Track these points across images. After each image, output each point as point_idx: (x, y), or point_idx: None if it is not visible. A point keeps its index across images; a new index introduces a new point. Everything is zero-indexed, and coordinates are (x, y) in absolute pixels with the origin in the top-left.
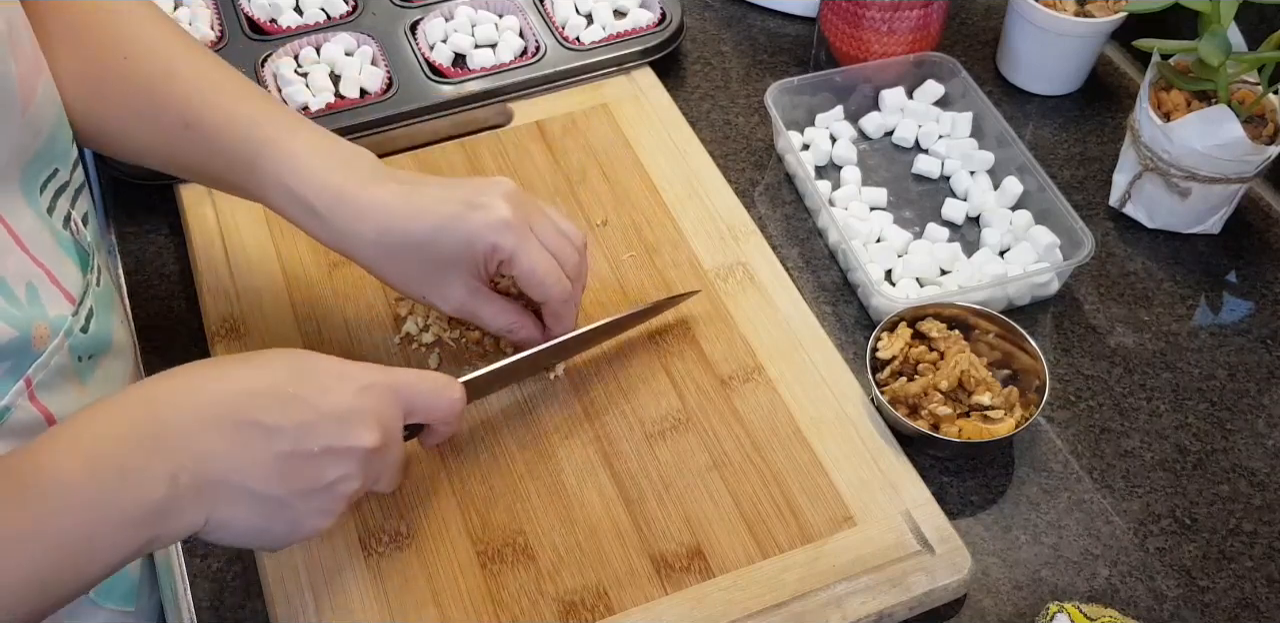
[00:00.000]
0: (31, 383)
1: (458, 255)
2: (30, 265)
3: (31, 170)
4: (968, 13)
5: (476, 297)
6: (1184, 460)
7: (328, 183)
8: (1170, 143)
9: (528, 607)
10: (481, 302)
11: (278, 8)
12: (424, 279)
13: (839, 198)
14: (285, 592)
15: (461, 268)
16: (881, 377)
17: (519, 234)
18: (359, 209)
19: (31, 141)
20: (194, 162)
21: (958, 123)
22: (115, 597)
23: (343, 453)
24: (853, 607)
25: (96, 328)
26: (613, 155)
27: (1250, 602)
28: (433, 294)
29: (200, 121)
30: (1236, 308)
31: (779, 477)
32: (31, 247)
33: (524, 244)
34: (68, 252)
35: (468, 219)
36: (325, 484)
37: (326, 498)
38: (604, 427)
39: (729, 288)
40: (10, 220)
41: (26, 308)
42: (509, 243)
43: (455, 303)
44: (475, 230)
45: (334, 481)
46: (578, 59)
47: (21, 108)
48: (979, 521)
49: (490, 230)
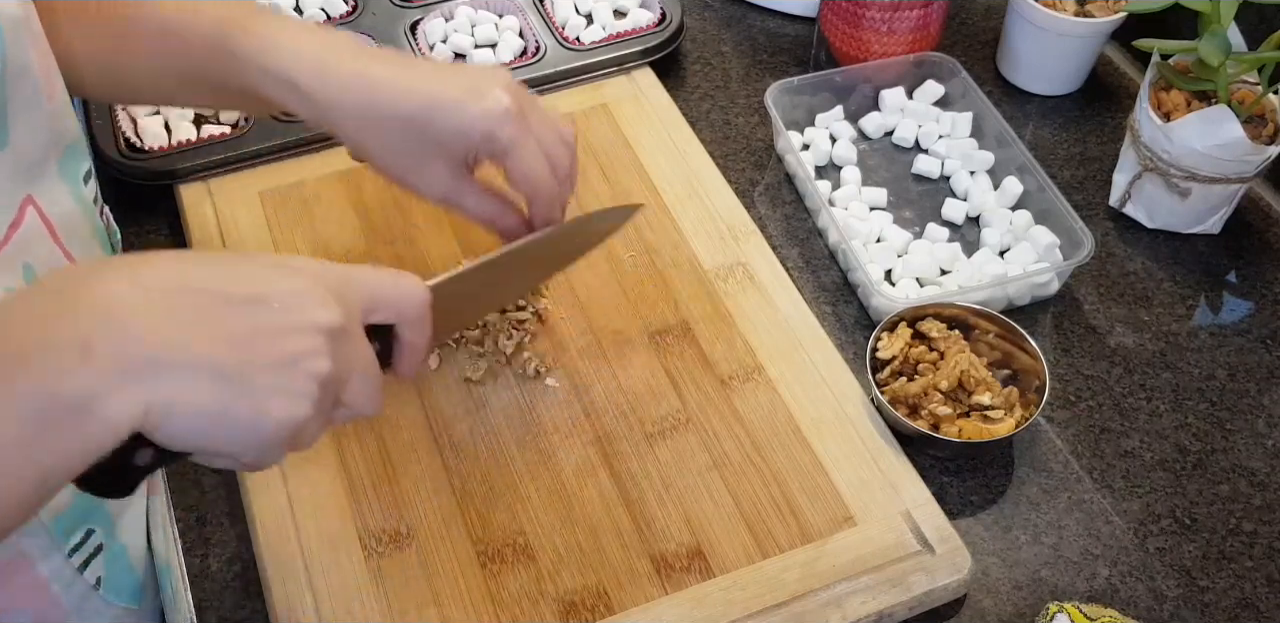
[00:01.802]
0: None
1: (449, 139)
2: (60, 257)
3: (71, 161)
4: (968, 13)
5: (461, 183)
6: (1184, 460)
7: (309, 57)
8: (1170, 143)
9: (528, 607)
10: (466, 189)
11: (277, 8)
12: (408, 162)
13: (839, 198)
14: (285, 592)
15: (450, 152)
16: (881, 377)
17: (519, 128)
18: (343, 81)
19: (64, 133)
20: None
21: (958, 123)
22: (125, 595)
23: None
24: (853, 607)
25: None
26: (613, 155)
27: (1250, 602)
28: (416, 177)
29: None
30: (1236, 308)
31: (779, 477)
32: (65, 237)
33: (523, 138)
34: (104, 245)
35: (465, 103)
36: (288, 360)
37: (293, 377)
38: (604, 427)
39: (729, 288)
40: (46, 208)
41: None
42: (506, 135)
43: (439, 188)
44: (473, 116)
45: (299, 354)
46: (578, 59)
47: (46, 97)
48: (979, 521)
49: (489, 119)
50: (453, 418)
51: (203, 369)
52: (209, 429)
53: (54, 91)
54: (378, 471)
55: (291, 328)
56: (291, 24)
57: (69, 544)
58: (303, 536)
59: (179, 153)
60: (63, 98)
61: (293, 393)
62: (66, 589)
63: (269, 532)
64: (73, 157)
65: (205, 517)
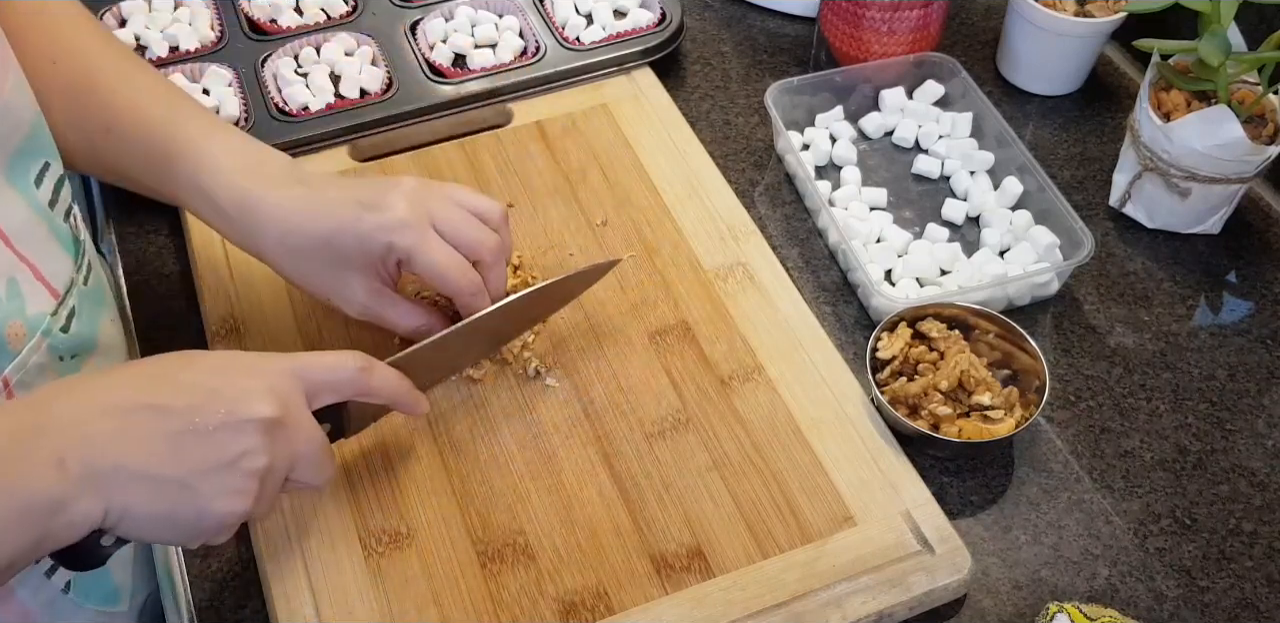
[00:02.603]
0: (10, 382)
1: (355, 256)
2: (14, 260)
3: (20, 163)
4: (968, 13)
5: (380, 299)
6: (1184, 460)
7: (236, 185)
8: (1170, 143)
9: (528, 607)
10: (385, 304)
11: (278, 8)
12: (326, 281)
13: (839, 198)
14: (285, 592)
15: (361, 269)
16: (881, 377)
17: (416, 232)
18: (263, 211)
19: (12, 133)
20: (115, 164)
21: (958, 123)
22: (95, 598)
23: (239, 427)
24: (853, 607)
25: (79, 328)
26: (613, 155)
27: (1250, 602)
28: (336, 296)
29: (120, 125)
30: (1236, 308)
31: (779, 477)
32: (18, 241)
33: (421, 242)
34: (65, 246)
35: (362, 220)
36: (227, 461)
37: (233, 476)
38: (604, 427)
39: (729, 288)
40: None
41: (4, 305)
42: (405, 242)
43: (358, 305)
44: (368, 231)
45: (236, 456)
46: (578, 59)
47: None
48: (979, 521)
49: (383, 231)
50: (453, 418)
51: (150, 480)
52: (159, 528)
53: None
54: (378, 470)
55: (230, 429)
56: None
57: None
58: (303, 536)
59: None
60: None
61: (232, 491)
62: (33, 595)
63: (269, 532)
64: (24, 157)
65: None
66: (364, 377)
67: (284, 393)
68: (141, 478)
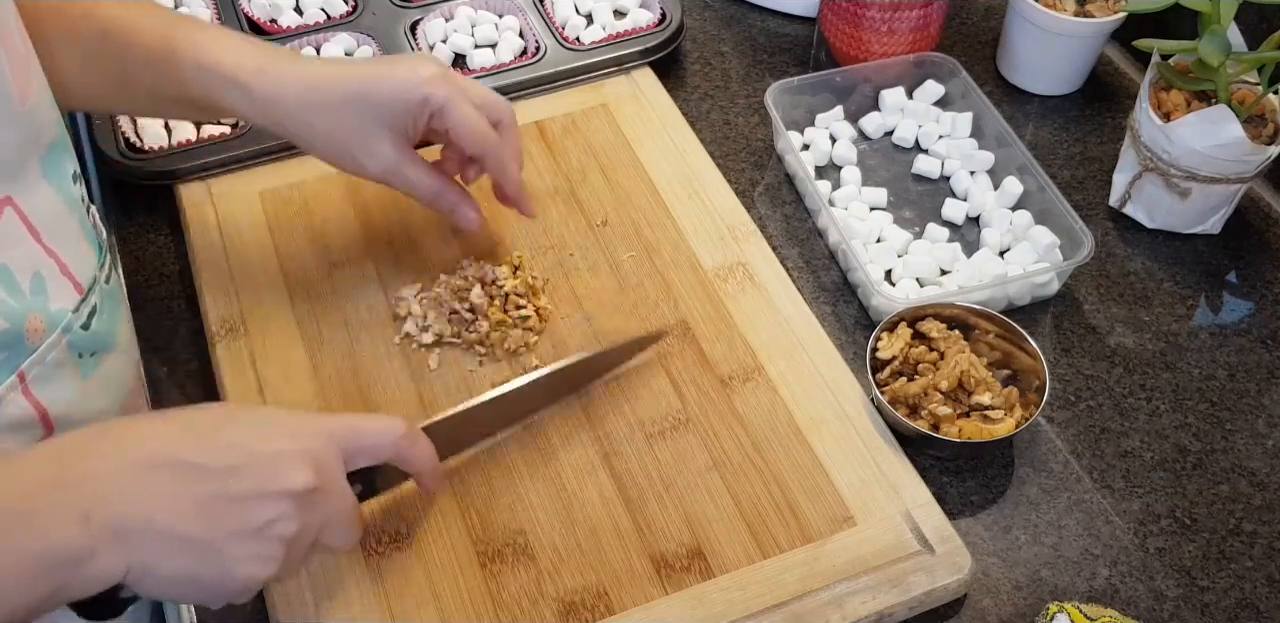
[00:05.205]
0: (25, 377)
1: (388, 108)
2: (42, 255)
3: (56, 160)
4: (968, 13)
5: (405, 155)
6: (1184, 460)
7: (248, 59)
8: (1170, 143)
9: (528, 607)
10: (409, 163)
11: (278, 8)
12: (353, 137)
13: (839, 198)
14: (285, 592)
15: (391, 122)
16: (881, 377)
17: (449, 87)
18: (283, 76)
19: (44, 131)
20: (116, 71)
21: (958, 123)
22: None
23: (273, 496)
24: (853, 607)
25: (99, 326)
26: (613, 155)
27: (1250, 602)
28: (362, 153)
29: (116, 27)
30: (1236, 308)
31: (779, 477)
32: (48, 236)
33: (456, 95)
34: (91, 242)
35: (396, 74)
36: (256, 527)
37: (260, 543)
38: (604, 427)
39: (729, 288)
40: (26, 209)
41: (27, 299)
42: (441, 94)
43: (384, 160)
44: (406, 81)
45: (266, 523)
46: (578, 59)
47: (20, 97)
48: (979, 521)
49: (421, 83)
50: None
51: (177, 540)
52: (180, 588)
53: (28, 88)
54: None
55: (262, 496)
56: (228, 33)
57: None
58: None
59: (179, 153)
60: (42, 95)
61: (258, 558)
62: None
63: None
64: (57, 155)
65: None
66: (407, 443)
67: (321, 459)
68: (168, 537)
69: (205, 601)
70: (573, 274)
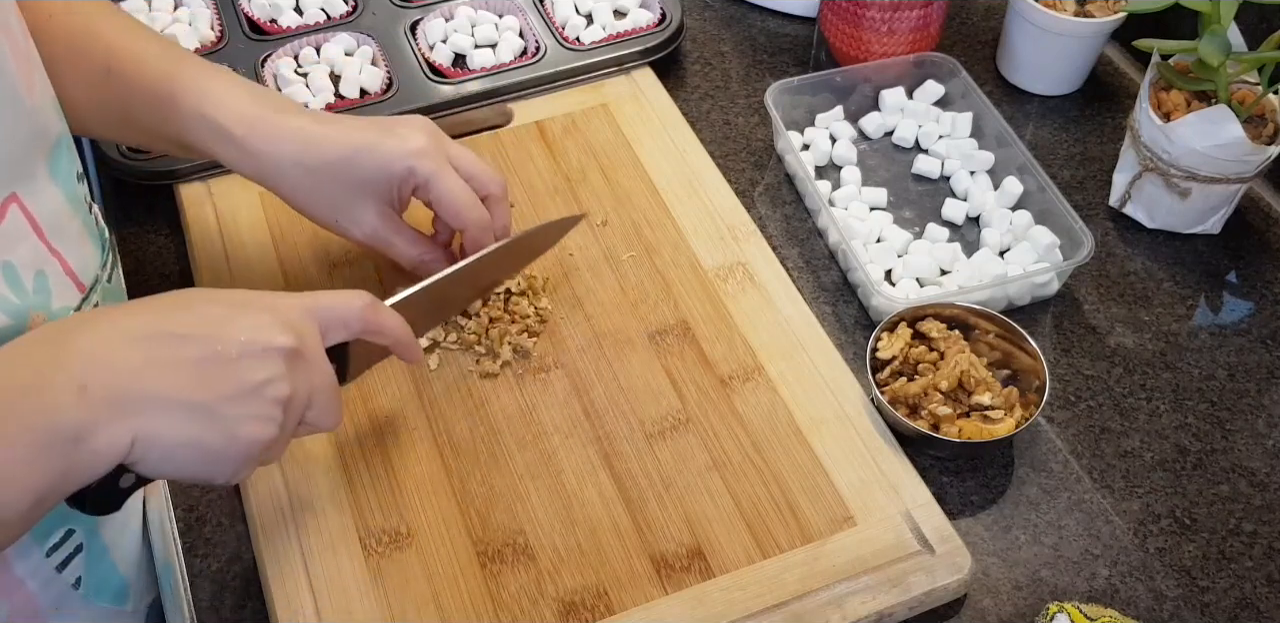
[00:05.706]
0: None
1: (373, 178)
2: (46, 254)
3: (60, 159)
4: (968, 13)
5: (389, 223)
6: (1184, 460)
7: (245, 110)
8: (1170, 143)
9: (528, 607)
10: (393, 229)
11: (278, 8)
12: (338, 202)
13: (839, 198)
14: (285, 592)
15: (375, 192)
16: (881, 377)
17: (436, 160)
18: (276, 132)
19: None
20: (118, 106)
21: (958, 123)
22: (106, 595)
23: (261, 355)
24: (853, 607)
25: None
26: (613, 155)
27: (1250, 602)
28: (346, 218)
29: (120, 65)
30: (1236, 308)
31: (779, 477)
32: (52, 235)
33: (441, 169)
34: (94, 241)
35: (385, 144)
36: (251, 387)
37: (258, 402)
38: (604, 427)
39: (729, 288)
40: (31, 207)
41: (30, 296)
42: (426, 167)
43: (368, 228)
44: (392, 154)
45: (260, 383)
46: (578, 59)
47: (25, 94)
48: (979, 521)
49: (406, 155)
50: (453, 418)
51: (176, 405)
52: (187, 458)
53: (33, 87)
54: (378, 471)
55: (252, 357)
56: (230, 77)
57: (48, 543)
58: (303, 536)
59: None
60: (45, 94)
61: (258, 418)
62: (43, 588)
63: (269, 532)
64: (61, 154)
65: (205, 517)
66: (372, 312)
67: (299, 326)
68: (168, 404)
69: (209, 472)
70: (573, 274)
